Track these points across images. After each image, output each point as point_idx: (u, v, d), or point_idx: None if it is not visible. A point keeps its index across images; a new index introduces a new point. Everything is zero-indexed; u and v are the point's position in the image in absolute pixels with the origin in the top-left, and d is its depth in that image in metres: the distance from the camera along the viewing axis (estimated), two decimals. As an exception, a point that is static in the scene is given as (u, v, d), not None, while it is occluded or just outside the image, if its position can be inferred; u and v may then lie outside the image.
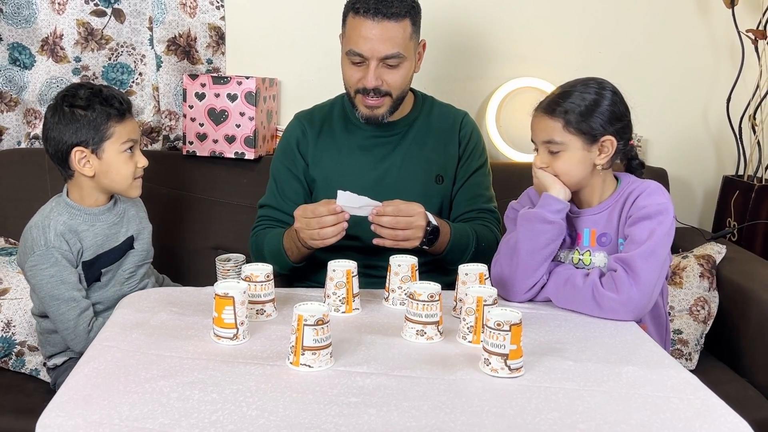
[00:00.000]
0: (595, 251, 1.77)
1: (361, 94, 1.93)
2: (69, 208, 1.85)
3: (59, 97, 1.85)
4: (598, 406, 1.28)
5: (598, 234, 1.78)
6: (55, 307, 1.80)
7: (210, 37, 2.59)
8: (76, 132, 1.80)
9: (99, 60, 2.55)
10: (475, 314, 1.50)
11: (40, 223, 1.82)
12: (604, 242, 1.77)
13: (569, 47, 2.67)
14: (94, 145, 1.81)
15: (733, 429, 1.23)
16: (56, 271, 1.79)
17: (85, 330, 1.80)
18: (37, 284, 1.81)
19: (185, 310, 1.63)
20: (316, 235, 1.76)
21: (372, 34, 1.86)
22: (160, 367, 1.36)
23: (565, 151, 1.73)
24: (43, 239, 1.79)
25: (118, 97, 1.85)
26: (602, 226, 1.77)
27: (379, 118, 1.96)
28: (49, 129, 1.83)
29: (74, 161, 1.81)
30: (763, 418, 1.98)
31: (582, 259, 1.78)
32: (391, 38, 1.87)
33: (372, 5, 1.86)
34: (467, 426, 1.20)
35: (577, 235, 1.80)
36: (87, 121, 1.80)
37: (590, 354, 1.49)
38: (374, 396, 1.28)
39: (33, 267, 1.80)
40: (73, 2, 2.50)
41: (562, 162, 1.73)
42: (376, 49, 1.87)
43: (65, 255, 1.80)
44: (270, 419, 1.19)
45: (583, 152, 1.72)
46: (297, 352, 1.37)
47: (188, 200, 2.50)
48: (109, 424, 1.16)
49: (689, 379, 1.40)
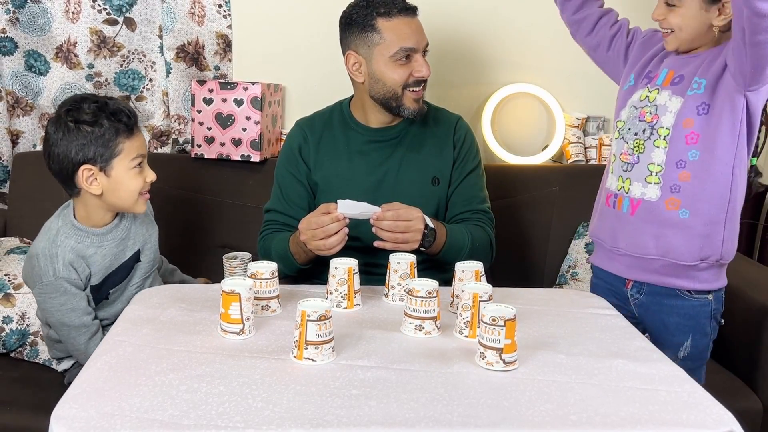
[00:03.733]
0: (663, 89, 1.73)
1: (411, 89, 1.94)
2: (77, 231, 1.71)
3: (62, 110, 1.67)
4: (589, 399, 1.27)
5: (675, 75, 1.73)
6: (66, 332, 1.73)
7: (217, 44, 2.59)
8: (82, 149, 1.64)
9: (111, 67, 2.55)
10: (471, 310, 1.50)
11: (47, 251, 1.68)
12: (675, 82, 1.72)
13: (561, 54, 2.66)
14: (102, 162, 1.65)
15: (719, 420, 1.22)
16: (65, 300, 1.70)
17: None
18: (47, 309, 1.72)
19: (193, 307, 1.63)
20: (322, 245, 1.75)
21: (413, 28, 1.93)
22: (170, 360, 1.36)
23: (681, 7, 1.66)
24: (51, 270, 1.67)
25: (125, 110, 1.69)
26: (681, 68, 1.73)
27: (424, 110, 2.01)
28: (52, 145, 1.65)
29: (81, 179, 1.66)
30: (748, 408, 1.98)
31: (648, 96, 1.75)
32: (423, 30, 1.96)
33: (402, 5, 1.93)
34: (464, 417, 1.20)
35: (655, 75, 1.77)
36: (95, 138, 1.64)
37: (582, 348, 1.48)
38: (375, 388, 1.28)
39: (41, 294, 1.71)
40: (87, 11, 2.50)
41: (676, 15, 1.68)
42: (421, 40, 1.94)
43: (74, 283, 1.70)
44: (275, 411, 1.19)
45: (699, 11, 1.65)
46: (300, 346, 1.37)
47: (196, 201, 2.50)
48: (120, 416, 1.16)
49: (677, 372, 1.40)
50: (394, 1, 1.91)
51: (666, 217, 1.74)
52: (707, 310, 1.80)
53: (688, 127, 1.70)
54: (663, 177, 1.73)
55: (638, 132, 1.77)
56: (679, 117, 1.71)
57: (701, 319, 1.80)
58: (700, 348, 1.82)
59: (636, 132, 1.77)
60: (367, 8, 1.91)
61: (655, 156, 1.73)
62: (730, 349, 2.15)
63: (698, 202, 1.72)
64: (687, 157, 1.70)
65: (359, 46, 1.94)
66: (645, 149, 1.74)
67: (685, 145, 1.70)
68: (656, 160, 1.73)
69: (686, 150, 1.70)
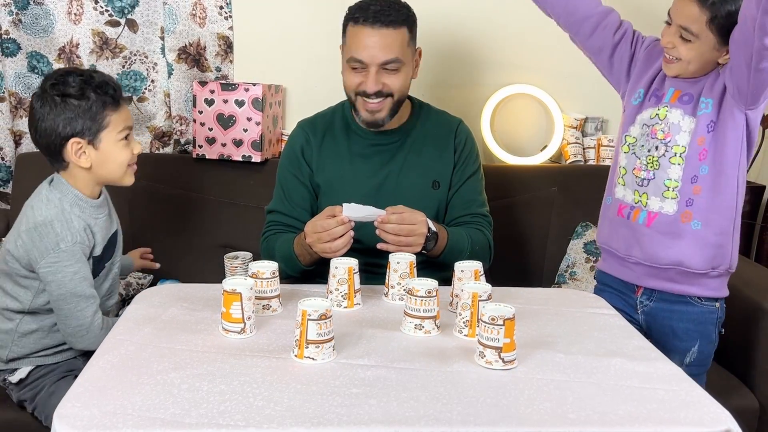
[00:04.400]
0: (672, 107, 1.76)
1: (362, 97, 1.92)
2: (78, 201, 1.70)
3: (47, 84, 1.65)
4: (588, 397, 1.27)
5: (682, 94, 1.76)
6: (74, 304, 1.68)
7: (219, 45, 2.59)
8: (70, 122, 1.62)
9: (113, 68, 2.55)
10: (471, 309, 1.50)
11: (61, 216, 1.66)
12: (685, 101, 1.75)
13: (559, 56, 2.66)
14: (90, 135, 1.64)
15: (716, 418, 1.22)
16: (79, 268, 1.67)
17: (98, 327, 1.71)
18: (57, 281, 1.66)
19: (195, 306, 1.63)
20: (328, 248, 1.75)
21: (371, 41, 1.86)
22: (171, 359, 1.36)
23: (695, 43, 1.68)
24: (70, 235, 1.65)
25: (110, 83, 1.67)
26: (687, 87, 1.76)
27: (380, 122, 1.95)
28: (39, 119, 1.64)
29: (70, 153, 1.65)
30: (745, 407, 1.98)
31: (659, 114, 1.77)
32: (389, 45, 1.87)
33: (371, 15, 1.86)
34: (463, 416, 1.20)
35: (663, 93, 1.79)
36: (82, 111, 1.63)
37: (580, 347, 1.48)
38: (375, 387, 1.28)
39: (55, 263, 1.65)
40: (89, 13, 2.50)
41: (689, 49, 1.69)
42: (375, 56, 1.87)
43: (85, 251, 1.68)
44: (276, 409, 1.19)
45: (712, 50, 1.69)
46: (301, 345, 1.37)
47: (198, 201, 2.50)
48: (122, 414, 1.16)
49: (674, 370, 1.40)
50: (368, 10, 1.88)
51: (681, 229, 1.78)
52: (714, 317, 1.84)
53: (701, 144, 1.75)
54: (680, 192, 1.77)
55: (651, 149, 1.80)
56: (694, 136, 1.75)
57: (708, 325, 1.84)
58: (705, 354, 1.86)
59: (649, 149, 1.80)
60: (350, 9, 1.93)
61: (672, 173, 1.77)
62: (728, 348, 2.15)
63: (709, 213, 1.76)
64: (699, 172, 1.75)
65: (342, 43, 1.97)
66: (660, 166, 1.78)
67: (698, 162, 1.75)
68: (673, 176, 1.77)
69: (698, 166, 1.75)
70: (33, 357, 1.80)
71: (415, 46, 1.97)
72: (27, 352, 1.79)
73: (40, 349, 1.79)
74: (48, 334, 1.79)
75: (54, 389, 1.74)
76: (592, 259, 2.44)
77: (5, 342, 1.78)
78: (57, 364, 1.81)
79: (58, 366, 1.81)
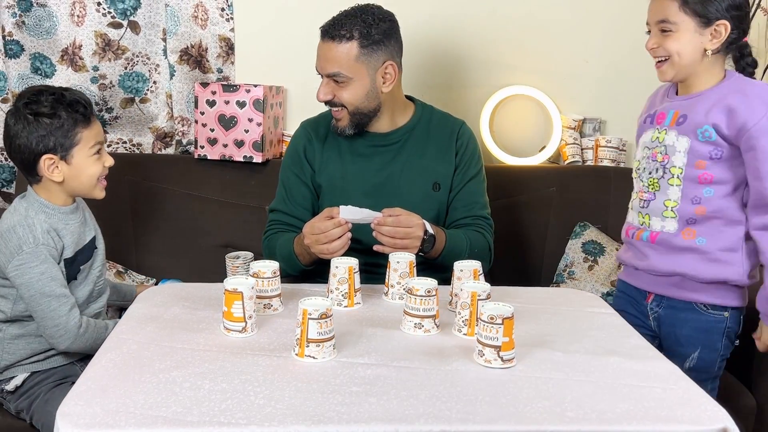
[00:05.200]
0: (670, 130, 1.75)
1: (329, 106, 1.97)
2: (44, 208, 1.74)
3: (21, 103, 1.71)
4: (586, 395, 1.27)
5: (679, 115, 1.74)
6: (46, 304, 1.68)
7: (220, 47, 2.59)
8: (42, 140, 1.68)
9: (116, 69, 2.55)
10: (470, 308, 1.50)
11: (23, 221, 1.70)
12: (680, 122, 1.73)
13: (557, 57, 2.66)
14: (63, 151, 1.70)
15: (714, 417, 1.22)
16: (46, 268, 1.68)
17: (75, 326, 1.70)
18: (25, 283, 1.68)
19: (197, 305, 1.63)
20: (325, 249, 1.75)
21: (321, 53, 1.93)
22: (173, 358, 1.36)
23: (677, 32, 1.67)
24: (32, 237, 1.68)
25: (81, 101, 1.73)
26: (685, 109, 1.74)
27: (340, 130, 1.98)
28: (13, 137, 1.70)
29: (43, 168, 1.70)
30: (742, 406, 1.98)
31: (659, 137, 1.77)
32: (332, 58, 1.91)
33: (326, 27, 1.92)
34: (462, 414, 1.20)
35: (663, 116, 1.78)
36: (54, 129, 1.69)
37: (578, 346, 1.48)
38: (375, 385, 1.28)
39: (21, 266, 1.68)
40: (92, 15, 2.50)
41: (673, 41, 1.68)
42: (322, 67, 1.94)
43: (51, 252, 1.70)
44: (276, 407, 1.19)
45: (695, 34, 1.67)
46: (302, 344, 1.37)
47: (200, 201, 2.50)
48: (125, 412, 1.16)
49: (672, 369, 1.40)
50: (328, 24, 1.93)
51: (684, 245, 1.76)
52: (721, 327, 1.80)
53: (700, 168, 1.72)
54: (678, 211, 1.76)
55: (652, 171, 1.80)
56: (690, 157, 1.73)
57: (713, 334, 1.80)
58: (707, 362, 1.81)
59: (650, 171, 1.80)
60: None
61: (671, 193, 1.76)
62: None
63: (715, 232, 1.75)
64: (702, 194, 1.73)
65: None
66: (660, 187, 1.78)
67: (699, 184, 1.73)
68: (672, 197, 1.76)
69: (701, 188, 1.73)
70: (26, 364, 1.80)
71: (378, 61, 1.92)
72: (18, 359, 1.79)
73: (30, 355, 1.79)
74: (35, 338, 1.79)
75: (49, 396, 1.74)
76: (590, 258, 2.44)
77: None
78: (52, 371, 1.80)
79: (53, 372, 1.80)
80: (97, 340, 1.68)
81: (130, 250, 2.46)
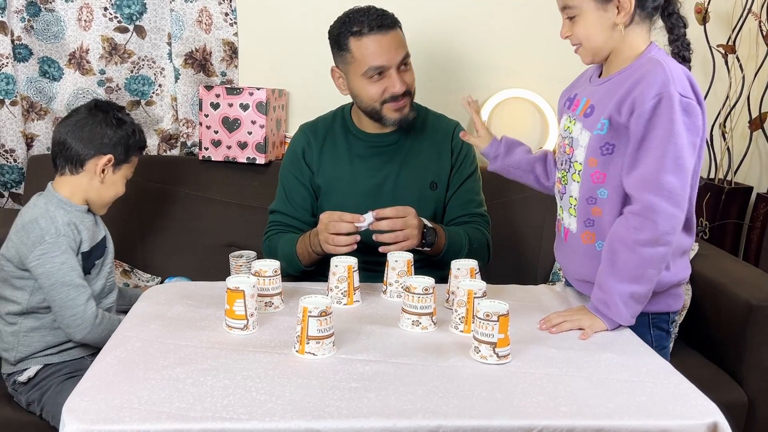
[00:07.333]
0: (578, 121, 1.61)
1: (390, 102, 1.92)
2: (63, 204, 1.79)
3: (108, 104, 1.86)
4: (579, 391, 1.27)
5: (589, 105, 1.60)
6: (65, 293, 1.72)
7: (224, 51, 2.59)
8: (116, 141, 1.81)
9: (122, 73, 2.55)
10: (466, 306, 1.50)
11: (45, 214, 1.76)
12: (588, 114, 1.59)
13: (553, 60, 2.66)
14: (118, 162, 1.83)
15: (704, 411, 1.22)
16: (66, 258, 1.73)
17: (92, 316, 1.74)
18: (46, 272, 1.72)
19: (200, 303, 1.63)
20: (331, 240, 1.75)
21: (384, 45, 1.88)
22: (177, 355, 1.36)
23: (580, 15, 1.56)
24: (54, 228, 1.73)
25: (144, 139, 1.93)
26: (593, 96, 1.59)
27: (410, 118, 1.97)
28: (85, 126, 1.80)
29: (97, 165, 1.80)
30: (734, 401, 1.98)
31: (569, 126, 1.64)
32: (401, 43, 1.91)
33: (374, 23, 1.87)
34: (459, 409, 1.20)
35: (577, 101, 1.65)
36: (127, 140, 1.83)
37: (572, 342, 1.48)
38: (373, 381, 1.28)
39: (42, 255, 1.72)
40: (99, 19, 2.50)
41: (579, 27, 1.57)
42: (393, 57, 1.89)
43: (71, 244, 1.75)
44: (277, 403, 1.19)
45: (597, 13, 1.54)
46: (302, 341, 1.37)
47: (204, 201, 2.50)
48: (129, 408, 1.16)
49: (663, 365, 1.40)
50: (365, 20, 1.87)
51: (585, 249, 1.63)
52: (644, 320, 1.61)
53: (592, 166, 1.58)
54: (578, 210, 1.63)
55: (563, 163, 1.68)
56: (587, 153, 1.58)
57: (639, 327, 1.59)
58: None
59: (561, 162, 1.69)
60: (342, 27, 1.91)
61: (572, 189, 1.63)
62: (717, 343, 2.15)
63: None
64: (597, 194, 1.58)
65: (339, 63, 1.96)
66: (567, 181, 1.66)
67: (592, 184, 1.58)
68: (573, 193, 1.64)
69: (595, 188, 1.58)
70: (40, 356, 1.81)
71: None
72: (33, 351, 1.81)
73: (45, 347, 1.81)
74: (50, 331, 1.80)
75: (61, 389, 1.75)
76: (585, 257, 2.43)
77: (12, 344, 1.81)
78: (64, 363, 1.82)
79: (65, 365, 1.81)
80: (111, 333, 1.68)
81: (136, 249, 2.46)
